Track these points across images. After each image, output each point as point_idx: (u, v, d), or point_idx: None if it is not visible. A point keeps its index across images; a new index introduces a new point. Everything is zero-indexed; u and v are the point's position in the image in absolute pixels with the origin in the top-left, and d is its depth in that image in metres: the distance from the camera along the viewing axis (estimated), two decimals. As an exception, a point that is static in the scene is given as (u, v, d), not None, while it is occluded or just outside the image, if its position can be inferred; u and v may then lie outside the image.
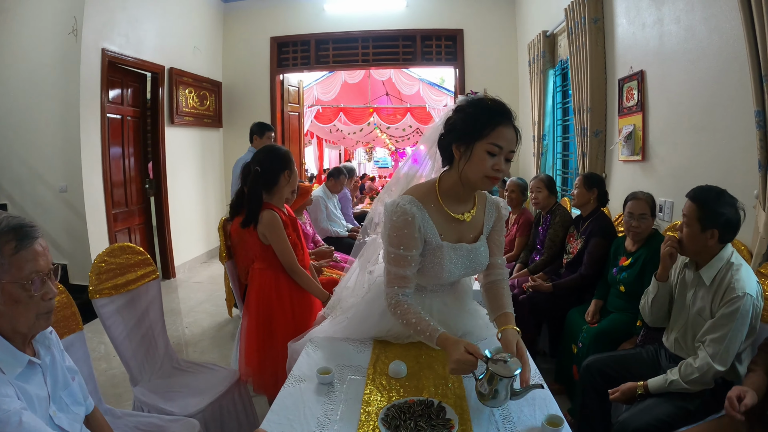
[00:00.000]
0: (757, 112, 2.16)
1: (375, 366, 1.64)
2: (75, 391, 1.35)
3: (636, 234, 2.73)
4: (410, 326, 1.55)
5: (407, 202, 1.56)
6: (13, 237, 1.12)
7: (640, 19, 3.37)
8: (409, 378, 1.57)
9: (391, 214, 1.57)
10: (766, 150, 2.15)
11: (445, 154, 1.62)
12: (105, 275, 2.14)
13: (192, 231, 6.22)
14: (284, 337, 2.22)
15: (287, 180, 2.41)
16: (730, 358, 1.84)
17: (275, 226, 2.30)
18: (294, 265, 2.35)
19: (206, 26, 6.53)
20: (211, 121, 6.53)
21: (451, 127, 1.58)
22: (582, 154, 4.17)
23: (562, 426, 1.28)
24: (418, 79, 9.64)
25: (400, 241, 1.56)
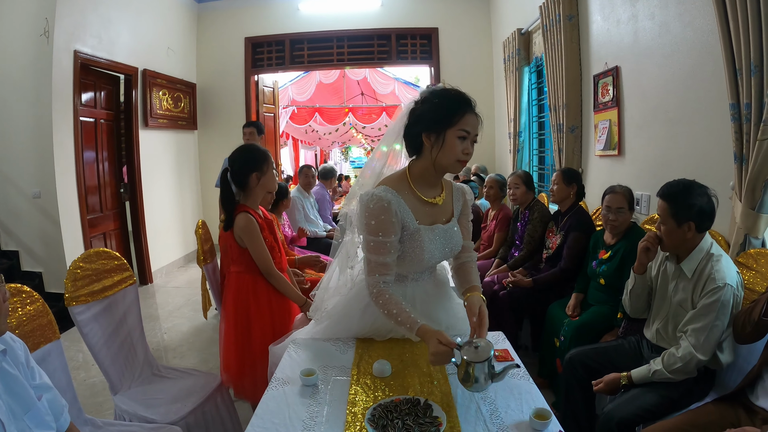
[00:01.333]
0: (732, 105, 2.21)
1: (359, 366, 1.63)
2: (40, 413, 1.23)
3: (614, 227, 2.76)
4: (391, 317, 1.58)
5: (382, 191, 1.61)
6: None
7: (615, 16, 3.42)
8: (394, 377, 1.56)
9: (368, 202, 1.61)
10: (741, 142, 2.19)
11: (413, 144, 1.68)
12: (81, 282, 2.09)
13: (168, 235, 6.11)
14: (263, 342, 2.22)
15: (256, 181, 2.33)
16: (712, 348, 1.87)
17: (250, 229, 2.25)
18: (271, 269, 2.30)
19: (179, 27, 6.42)
20: (186, 123, 6.43)
21: (418, 117, 1.64)
22: (558, 150, 4.22)
23: (550, 419, 1.29)
24: (394, 78, 9.63)
25: (379, 228, 1.60)
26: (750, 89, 2.08)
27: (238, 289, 2.37)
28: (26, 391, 1.21)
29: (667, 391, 1.92)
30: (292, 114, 10.26)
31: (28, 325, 1.71)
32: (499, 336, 1.90)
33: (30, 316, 1.73)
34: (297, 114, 10.45)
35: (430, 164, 1.64)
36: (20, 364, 1.24)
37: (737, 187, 2.25)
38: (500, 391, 1.48)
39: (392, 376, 1.56)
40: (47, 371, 1.34)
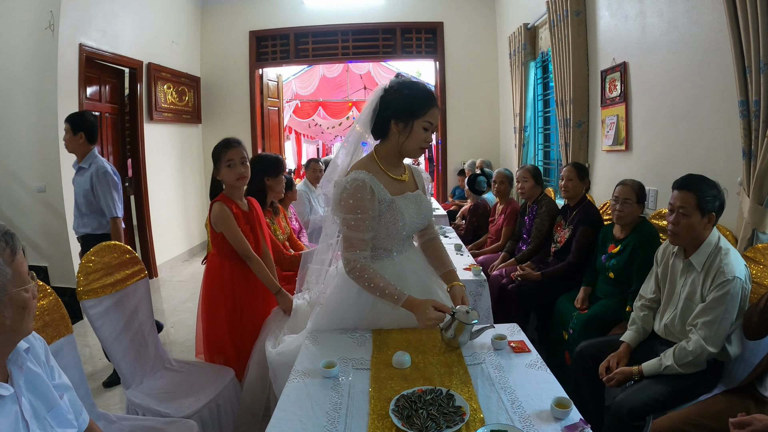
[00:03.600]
0: (741, 102, 2.22)
1: (377, 357, 1.65)
2: (63, 411, 1.22)
3: (619, 218, 2.77)
4: (377, 289, 1.72)
5: (356, 173, 1.77)
6: (5, 243, 1.05)
7: (623, 12, 3.42)
8: (413, 368, 1.58)
9: (344, 184, 1.76)
10: (750, 138, 2.21)
11: (381, 128, 1.84)
12: (93, 275, 2.09)
13: (172, 229, 6.11)
14: (229, 321, 2.43)
15: (218, 172, 2.44)
16: (722, 340, 1.89)
17: (222, 218, 2.35)
18: (247, 251, 2.39)
19: (183, 20, 6.40)
20: (190, 117, 6.43)
21: (388, 105, 1.80)
22: (565, 145, 4.22)
23: (571, 407, 1.32)
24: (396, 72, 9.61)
25: (357, 206, 1.74)
26: (759, 86, 2.10)
27: (209, 271, 2.52)
28: (49, 389, 1.20)
29: (676, 382, 1.94)
30: (295, 108, 10.26)
31: (41, 320, 1.70)
32: (514, 327, 1.94)
33: (43, 311, 1.72)
34: (300, 108, 10.45)
35: (395, 148, 1.84)
36: (42, 362, 1.23)
37: (745, 183, 2.27)
38: (520, 381, 1.51)
39: (411, 368, 1.58)
40: (61, 366, 1.32)
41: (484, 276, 2.84)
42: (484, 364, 1.63)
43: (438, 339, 1.76)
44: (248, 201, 2.57)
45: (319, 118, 10.62)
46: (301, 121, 10.51)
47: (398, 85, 1.81)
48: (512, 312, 3.24)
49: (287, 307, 2.37)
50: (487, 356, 1.69)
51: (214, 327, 2.47)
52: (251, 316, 2.49)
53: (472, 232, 4.67)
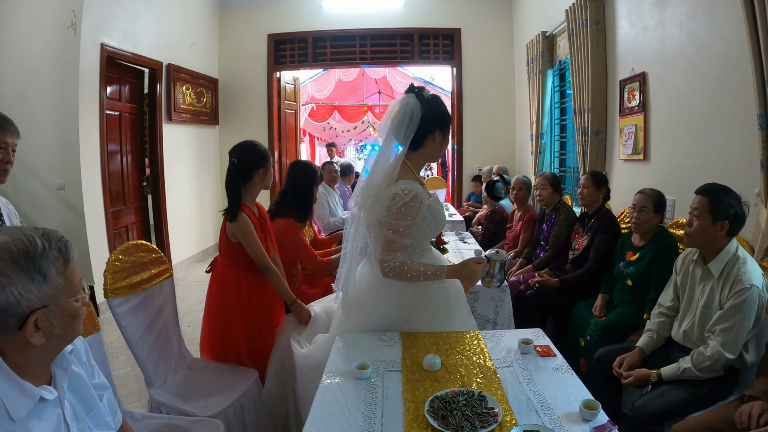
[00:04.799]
0: (760, 115, 2.26)
1: (408, 360, 1.69)
2: (101, 413, 1.21)
3: (636, 225, 2.80)
4: (420, 274, 1.84)
5: (411, 184, 1.86)
6: (59, 252, 1.03)
7: (642, 23, 3.45)
8: (444, 370, 1.61)
9: (401, 194, 1.84)
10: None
11: (418, 139, 1.94)
12: (120, 274, 2.12)
13: (188, 229, 6.17)
14: (246, 333, 2.42)
15: (261, 177, 2.42)
16: (739, 347, 1.93)
17: (246, 230, 2.32)
18: (266, 263, 2.37)
19: (203, 22, 6.47)
20: (208, 118, 6.50)
21: (430, 118, 1.92)
22: (582, 153, 4.24)
23: (599, 410, 1.36)
24: (412, 77, 9.66)
25: (408, 214, 1.85)
26: None
27: (221, 280, 2.46)
28: (90, 390, 1.20)
29: (694, 389, 1.98)
30: (311, 111, 10.32)
31: None
32: (539, 333, 1.98)
33: None
34: (316, 111, 10.51)
35: (427, 156, 2.02)
36: (83, 363, 1.22)
37: (763, 194, 2.31)
38: (547, 384, 1.55)
39: (442, 370, 1.62)
40: (90, 364, 1.35)
41: (506, 283, 2.86)
42: (512, 367, 1.67)
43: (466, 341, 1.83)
44: (258, 207, 2.55)
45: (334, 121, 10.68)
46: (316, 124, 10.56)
47: (432, 97, 1.95)
48: (530, 318, 3.26)
49: (303, 318, 2.38)
50: (514, 360, 1.73)
51: (230, 334, 2.44)
52: (269, 328, 2.51)
53: (489, 238, 4.68)
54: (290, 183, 3.05)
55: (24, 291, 0.96)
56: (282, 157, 7.21)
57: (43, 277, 0.99)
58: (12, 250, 0.96)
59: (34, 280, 0.97)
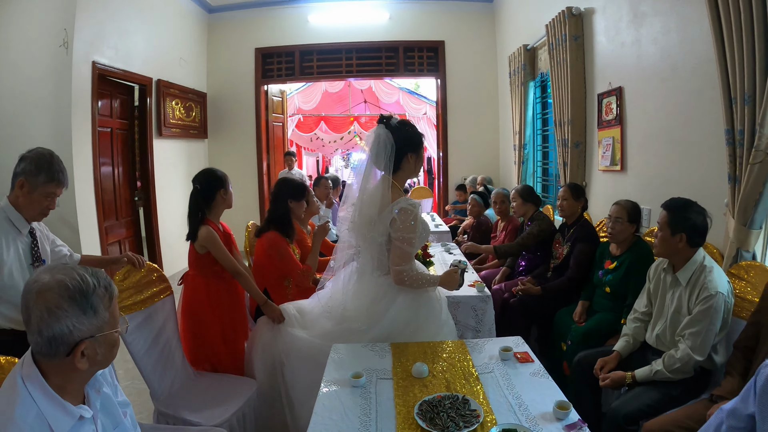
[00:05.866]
0: (727, 131, 2.42)
1: (398, 368, 1.83)
2: (126, 428, 1.32)
3: (611, 235, 2.96)
4: (425, 282, 2.15)
5: (411, 200, 2.13)
6: (105, 290, 1.15)
7: (619, 39, 3.61)
8: (431, 377, 1.75)
9: (412, 210, 2.10)
10: (735, 165, 2.40)
11: (397, 162, 2.19)
12: (125, 293, 2.24)
13: (180, 242, 6.08)
14: (222, 335, 2.63)
15: (223, 198, 2.66)
16: (707, 350, 2.08)
17: (212, 240, 2.53)
18: (236, 267, 2.58)
19: (191, 37, 6.58)
20: (197, 132, 6.59)
21: (405, 141, 2.19)
22: (563, 164, 4.40)
23: (570, 410, 1.51)
24: (398, 87, 9.83)
25: (416, 227, 2.11)
26: (744, 117, 2.29)
27: (194, 291, 2.65)
28: (116, 408, 1.31)
29: (667, 389, 2.11)
30: (298, 122, 10.42)
31: None
32: (518, 340, 2.12)
33: None
34: (303, 122, 10.61)
35: (406, 176, 2.25)
36: (109, 383, 1.32)
37: (731, 205, 2.46)
38: (525, 387, 1.70)
39: (429, 377, 1.75)
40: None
41: (488, 292, 3.00)
42: (493, 372, 1.81)
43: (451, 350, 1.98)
44: (222, 225, 2.76)
45: (321, 132, 10.78)
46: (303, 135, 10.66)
47: (400, 124, 2.20)
48: (515, 324, 3.39)
49: (275, 316, 2.48)
50: (495, 366, 1.86)
51: (207, 341, 2.62)
52: (243, 331, 2.75)
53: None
54: (271, 199, 3.20)
55: (77, 323, 1.09)
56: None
57: (94, 311, 1.12)
58: (68, 287, 1.10)
59: (86, 314, 1.11)
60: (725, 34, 2.33)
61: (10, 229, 2.08)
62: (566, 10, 4.12)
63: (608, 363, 2.37)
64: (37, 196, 2.09)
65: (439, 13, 6.97)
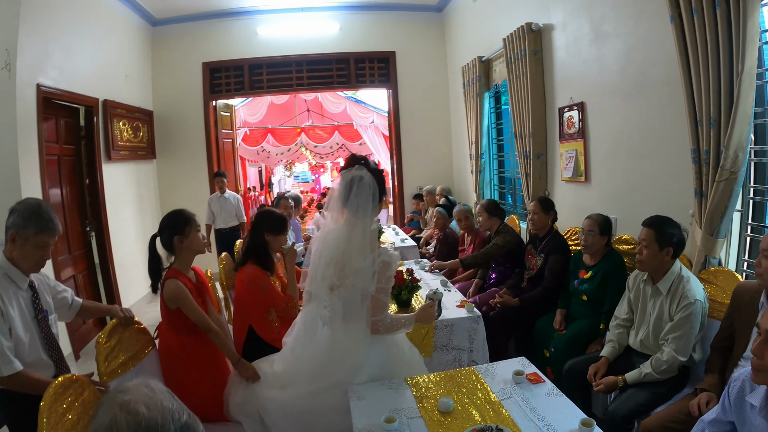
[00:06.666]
0: (693, 150, 2.63)
1: (423, 405, 1.85)
2: None
3: (585, 247, 3.16)
4: (400, 326, 2.12)
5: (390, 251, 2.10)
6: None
7: (581, 56, 3.76)
8: (457, 410, 1.79)
9: (392, 265, 2.06)
10: (701, 181, 2.62)
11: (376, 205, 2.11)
12: (111, 355, 2.14)
13: (136, 270, 5.88)
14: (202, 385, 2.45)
15: (180, 245, 2.46)
16: (689, 350, 2.32)
17: (179, 297, 2.36)
18: (207, 324, 2.41)
19: (135, 52, 6.25)
20: (145, 153, 6.29)
21: (382, 184, 2.14)
22: (525, 175, 4.56)
23: (593, 426, 1.61)
24: (345, 97, 9.80)
25: (392, 276, 2.09)
26: (709, 139, 2.49)
27: (169, 348, 2.49)
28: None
29: (656, 388, 2.34)
30: (244, 136, 10.18)
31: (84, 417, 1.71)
32: (524, 361, 2.21)
33: (85, 404, 1.74)
34: (249, 136, 10.36)
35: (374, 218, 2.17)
36: None
37: (697, 217, 2.67)
38: (546, 408, 1.80)
39: (456, 410, 1.79)
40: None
41: (477, 312, 3.06)
42: (512, 398, 1.88)
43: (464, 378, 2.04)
44: (194, 271, 2.60)
45: (268, 145, 10.55)
46: (249, 148, 10.40)
47: (375, 166, 2.14)
48: (497, 336, 3.47)
49: (249, 375, 2.36)
50: (512, 391, 1.93)
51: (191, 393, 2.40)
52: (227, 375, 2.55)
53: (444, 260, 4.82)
54: (250, 228, 3.10)
55: None
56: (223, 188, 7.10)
57: None
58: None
59: None
60: (691, 63, 2.53)
61: (9, 286, 2.02)
62: (525, 25, 4.24)
63: (599, 369, 2.55)
64: (29, 248, 2.05)
65: (389, 23, 7.02)
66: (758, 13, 2.15)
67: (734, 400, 1.61)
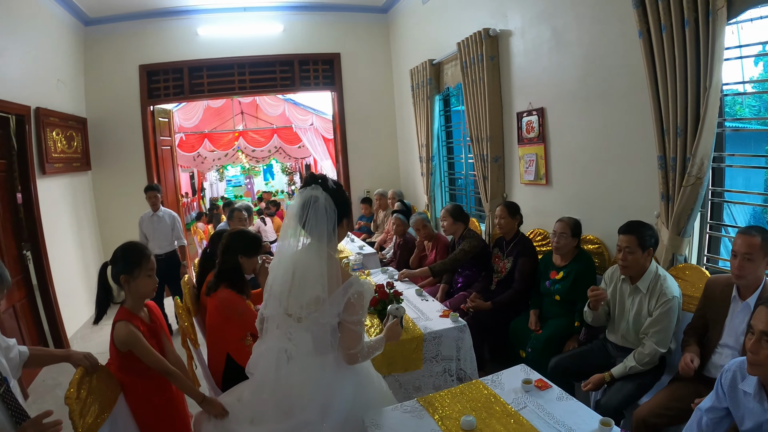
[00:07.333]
0: (660, 157, 2.82)
1: (446, 425, 1.86)
2: None
3: (557, 248, 3.31)
4: (376, 350, 2.05)
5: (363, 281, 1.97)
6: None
7: (540, 63, 3.86)
8: (480, 427, 1.82)
9: (366, 295, 1.95)
10: (668, 185, 2.81)
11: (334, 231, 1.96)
12: (85, 409, 1.93)
13: (77, 292, 5.45)
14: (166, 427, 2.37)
15: (128, 284, 2.27)
16: (669, 342, 2.54)
17: (131, 342, 2.18)
18: (165, 368, 2.25)
19: (67, 54, 5.71)
20: (80, 164, 5.79)
21: (343, 205, 2.01)
22: (483, 178, 4.67)
23: (612, 425, 1.73)
24: (284, 99, 9.59)
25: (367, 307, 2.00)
26: (676, 147, 2.68)
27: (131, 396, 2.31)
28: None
29: (640, 379, 2.54)
30: (179, 141, 9.71)
31: None
32: (526, 368, 2.30)
33: None
34: (185, 141, 9.86)
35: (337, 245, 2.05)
36: None
37: (663, 218, 2.87)
38: (562, 413, 1.89)
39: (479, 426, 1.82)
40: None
41: (462, 321, 3.10)
42: (528, 407, 1.94)
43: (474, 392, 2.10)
44: (148, 307, 2.43)
45: (205, 150, 10.11)
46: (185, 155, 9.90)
47: (336, 185, 1.99)
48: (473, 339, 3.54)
49: (217, 412, 2.19)
50: (525, 399, 2.00)
51: None
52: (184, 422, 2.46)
53: (404, 266, 4.85)
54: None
55: None
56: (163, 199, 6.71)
57: None
58: None
59: None
60: (659, 76, 2.70)
61: None
62: (483, 31, 4.31)
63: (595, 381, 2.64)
64: None
65: (333, 24, 6.92)
66: (725, 33, 2.32)
67: (728, 389, 1.78)
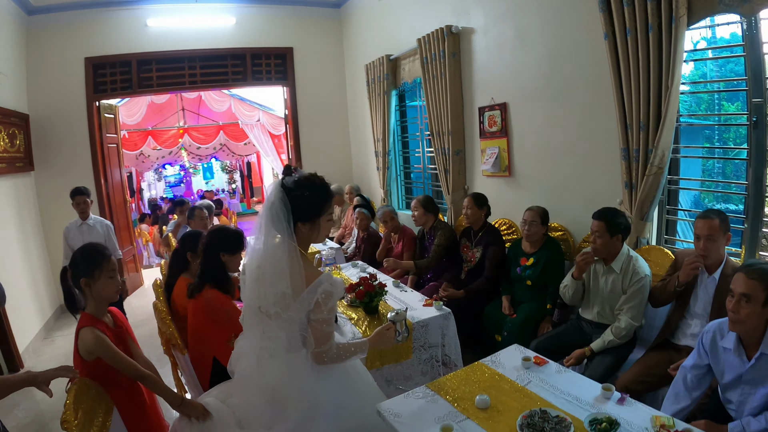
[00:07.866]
0: (623, 149, 3.07)
1: (463, 406, 1.95)
2: None
3: (528, 236, 3.50)
4: (350, 353, 1.96)
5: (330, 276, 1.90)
6: None
7: (503, 60, 4.02)
8: (494, 404, 1.93)
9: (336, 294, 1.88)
10: (631, 175, 3.06)
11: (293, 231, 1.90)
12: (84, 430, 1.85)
13: (25, 304, 5.05)
14: None
15: (89, 288, 2.17)
16: (641, 317, 2.78)
17: (99, 349, 2.07)
18: (138, 372, 2.16)
19: (8, 45, 5.28)
20: (23, 164, 5.41)
21: (295, 208, 1.88)
22: (444, 170, 4.83)
23: (613, 390, 1.93)
24: (230, 95, 9.36)
25: (336, 305, 1.95)
26: (638, 140, 2.92)
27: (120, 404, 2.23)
28: None
29: (618, 352, 2.78)
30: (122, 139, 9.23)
31: None
32: (519, 348, 2.44)
33: None
34: (128, 139, 9.33)
35: (307, 240, 1.97)
36: None
37: (627, 204, 3.13)
38: (564, 384, 2.05)
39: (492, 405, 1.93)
40: None
41: (447, 309, 3.18)
42: (533, 382, 2.09)
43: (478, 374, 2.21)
44: (111, 312, 2.33)
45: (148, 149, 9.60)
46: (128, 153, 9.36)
47: (296, 185, 1.88)
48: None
49: (198, 414, 2.08)
50: (528, 375, 2.15)
51: None
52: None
53: (368, 260, 4.94)
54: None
55: None
56: (111, 200, 6.45)
57: None
58: None
59: None
60: (623, 75, 2.94)
61: None
62: (445, 28, 4.42)
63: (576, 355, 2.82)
64: None
65: (286, 18, 6.83)
66: (685, 36, 2.56)
67: (709, 347, 2.03)
